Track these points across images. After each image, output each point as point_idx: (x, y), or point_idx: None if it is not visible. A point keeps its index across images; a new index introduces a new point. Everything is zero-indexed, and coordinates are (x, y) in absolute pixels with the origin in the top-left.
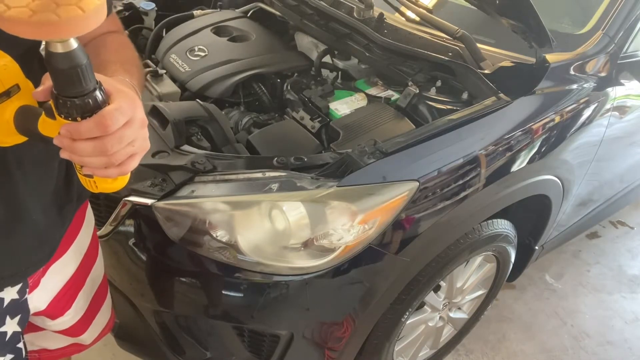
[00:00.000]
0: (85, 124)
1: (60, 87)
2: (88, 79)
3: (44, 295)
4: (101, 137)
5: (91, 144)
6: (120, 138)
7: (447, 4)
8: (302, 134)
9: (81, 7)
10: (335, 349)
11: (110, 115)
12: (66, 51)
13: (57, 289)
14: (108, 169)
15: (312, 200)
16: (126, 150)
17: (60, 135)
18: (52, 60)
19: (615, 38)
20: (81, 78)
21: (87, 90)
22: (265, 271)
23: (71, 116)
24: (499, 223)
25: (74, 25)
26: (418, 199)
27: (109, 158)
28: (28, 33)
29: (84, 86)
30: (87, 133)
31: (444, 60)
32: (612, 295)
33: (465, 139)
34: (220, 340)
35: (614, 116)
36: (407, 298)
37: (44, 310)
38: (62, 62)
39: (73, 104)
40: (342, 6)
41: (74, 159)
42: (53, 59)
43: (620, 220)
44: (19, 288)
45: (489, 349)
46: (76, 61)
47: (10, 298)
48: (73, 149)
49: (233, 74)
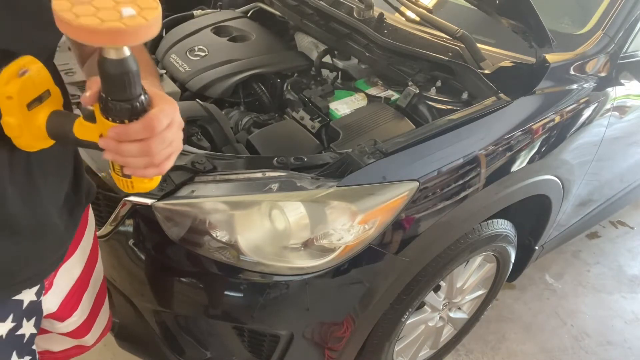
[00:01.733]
0: (133, 127)
1: (112, 91)
2: (138, 84)
3: (55, 296)
4: (147, 139)
5: (137, 145)
6: (163, 139)
7: (447, 4)
8: (302, 134)
9: (144, 17)
10: (335, 349)
11: (157, 117)
12: (120, 58)
13: (66, 290)
14: (148, 169)
15: (312, 200)
16: (166, 150)
17: (107, 138)
18: (106, 66)
19: (615, 38)
20: (132, 83)
21: (136, 94)
22: (265, 271)
23: (120, 119)
24: (499, 223)
25: (139, 33)
26: (418, 199)
27: (151, 158)
28: (95, 40)
29: (134, 91)
30: (135, 135)
31: (444, 60)
32: (612, 295)
33: (465, 139)
34: (220, 340)
35: (614, 116)
36: (407, 298)
37: (55, 312)
38: (116, 68)
39: (123, 108)
40: (342, 6)
41: (117, 160)
42: (107, 65)
43: (620, 220)
44: (36, 289)
45: (489, 349)
46: (129, 67)
47: (29, 300)
48: (119, 150)
49: (233, 74)
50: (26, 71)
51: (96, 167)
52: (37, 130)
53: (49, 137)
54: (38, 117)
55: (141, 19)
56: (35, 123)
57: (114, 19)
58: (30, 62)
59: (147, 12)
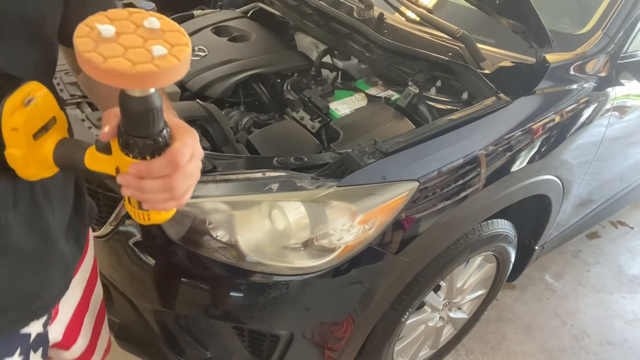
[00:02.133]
0: (157, 163)
1: (133, 128)
2: (161, 119)
3: (60, 324)
4: (168, 176)
5: (159, 181)
6: (185, 173)
7: (447, 4)
8: (302, 134)
9: (176, 56)
10: (335, 349)
11: (180, 152)
12: (144, 95)
13: (68, 316)
14: (168, 202)
15: (312, 200)
16: (187, 184)
17: (128, 174)
18: (129, 103)
19: (615, 38)
20: (156, 119)
21: (159, 129)
22: (265, 271)
23: (141, 155)
24: (499, 223)
25: (171, 74)
26: (418, 199)
27: (172, 194)
28: (125, 84)
29: (157, 127)
30: (158, 172)
31: (444, 60)
32: (612, 295)
33: (465, 139)
34: (220, 340)
35: (614, 116)
36: (407, 298)
37: (60, 341)
38: (139, 105)
39: (145, 144)
40: (342, 6)
41: (136, 196)
42: (130, 101)
43: (620, 220)
44: (44, 320)
45: (489, 349)
46: (154, 104)
47: (37, 332)
48: (140, 187)
49: (233, 74)
50: (32, 99)
51: None
52: (44, 160)
53: (56, 166)
54: (45, 146)
55: (173, 58)
56: (42, 153)
57: (145, 61)
58: (35, 88)
59: (178, 51)
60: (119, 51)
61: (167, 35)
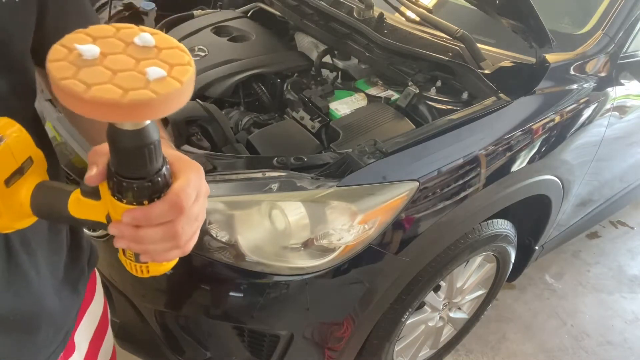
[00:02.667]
0: (157, 209)
1: (126, 168)
2: (160, 156)
3: None
4: (171, 221)
5: (161, 229)
6: (190, 217)
7: (447, 4)
8: (302, 134)
9: (177, 78)
10: (335, 349)
11: (185, 193)
12: (138, 128)
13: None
14: (171, 252)
15: (312, 200)
16: (193, 228)
17: (121, 223)
18: (120, 139)
19: (615, 38)
20: (153, 157)
21: (158, 168)
22: (266, 271)
23: (137, 200)
24: (499, 223)
25: (172, 101)
26: (418, 199)
27: (176, 242)
28: (116, 117)
29: (155, 165)
30: (158, 219)
31: (444, 60)
32: (612, 295)
33: (465, 139)
34: (220, 340)
35: (614, 116)
36: (407, 298)
37: None
38: (132, 140)
39: (141, 187)
40: (342, 6)
41: (133, 248)
42: (121, 137)
43: (620, 220)
44: None
45: (489, 349)
46: (149, 139)
47: None
48: (138, 237)
49: (233, 74)
50: (2, 139)
51: None
52: (19, 209)
53: (35, 215)
54: (20, 193)
55: (174, 82)
56: (17, 200)
57: (139, 86)
58: (5, 125)
59: (180, 72)
60: (106, 76)
61: (164, 53)
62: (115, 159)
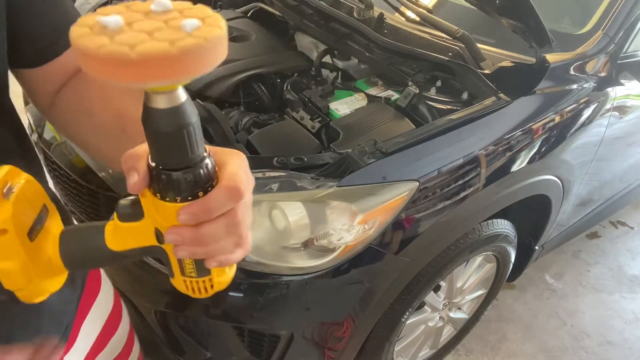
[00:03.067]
0: (215, 197)
1: (173, 156)
2: (202, 140)
3: None
4: (231, 210)
5: (224, 221)
6: (248, 203)
7: (447, 4)
8: (302, 134)
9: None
10: (335, 349)
11: (239, 176)
12: (177, 104)
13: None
14: (237, 250)
15: (312, 200)
16: (250, 217)
17: (179, 227)
18: (156, 122)
19: (615, 38)
20: (198, 139)
21: (203, 153)
22: (266, 271)
23: (192, 193)
24: (499, 223)
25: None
26: (418, 199)
27: (239, 231)
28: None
29: (201, 149)
30: (219, 207)
31: (444, 60)
32: (612, 295)
33: (465, 139)
34: (220, 340)
35: (614, 116)
36: (407, 298)
37: None
38: (174, 120)
39: (193, 175)
40: (342, 6)
41: (198, 254)
42: (156, 119)
43: (620, 220)
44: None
45: (489, 349)
46: (191, 117)
47: None
48: (202, 237)
49: (233, 74)
50: (11, 188)
51: (95, 166)
52: (48, 266)
53: (67, 268)
54: (45, 246)
55: (213, 28)
56: (44, 256)
57: (182, 37)
58: (11, 173)
59: (212, 20)
60: (143, 37)
61: (186, 12)
62: (159, 150)
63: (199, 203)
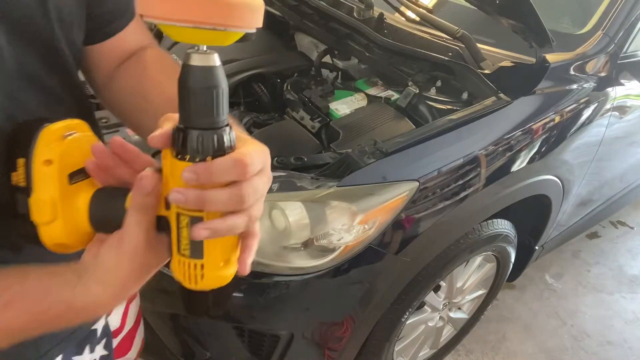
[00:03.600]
0: (219, 162)
1: (194, 114)
2: (226, 108)
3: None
4: (237, 184)
5: (226, 191)
6: (256, 188)
7: (447, 4)
8: (302, 134)
9: None
10: (335, 349)
11: (249, 156)
12: (209, 65)
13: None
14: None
15: (312, 200)
16: (255, 196)
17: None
18: (192, 78)
19: (615, 38)
20: (220, 104)
21: (224, 120)
22: (266, 271)
23: (201, 155)
24: (499, 223)
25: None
26: (418, 199)
27: (243, 205)
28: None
29: (221, 116)
30: (221, 174)
31: (444, 60)
32: (612, 295)
33: (465, 139)
34: (220, 340)
35: (614, 116)
36: (407, 298)
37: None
38: (202, 79)
39: (207, 138)
40: (342, 6)
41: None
42: (192, 75)
43: (620, 220)
44: None
45: (489, 349)
46: (219, 81)
47: (102, 325)
48: (203, 198)
49: (233, 74)
50: (73, 133)
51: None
52: (75, 215)
53: (91, 225)
54: (79, 196)
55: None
56: (75, 204)
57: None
58: (79, 125)
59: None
60: None
61: None
62: (187, 108)
63: (204, 165)
